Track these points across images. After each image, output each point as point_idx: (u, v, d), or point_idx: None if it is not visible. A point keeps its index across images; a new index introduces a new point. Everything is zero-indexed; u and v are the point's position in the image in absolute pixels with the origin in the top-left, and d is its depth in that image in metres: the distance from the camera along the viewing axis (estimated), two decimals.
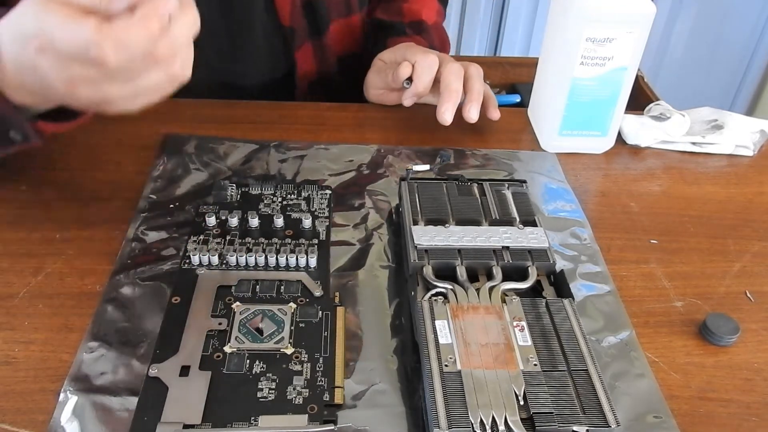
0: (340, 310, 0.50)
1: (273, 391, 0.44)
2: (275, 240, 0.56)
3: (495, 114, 0.73)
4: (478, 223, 0.54)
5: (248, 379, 0.44)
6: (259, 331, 0.47)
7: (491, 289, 0.49)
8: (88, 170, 0.64)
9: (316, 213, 0.59)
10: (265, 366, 0.45)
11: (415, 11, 0.85)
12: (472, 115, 0.70)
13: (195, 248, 0.54)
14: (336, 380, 0.45)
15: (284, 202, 0.60)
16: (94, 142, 0.68)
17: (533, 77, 0.76)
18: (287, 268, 0.54)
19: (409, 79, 0.71)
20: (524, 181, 0.60)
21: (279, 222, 0.57)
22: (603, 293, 0.55)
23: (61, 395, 0.43)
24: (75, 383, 0.44)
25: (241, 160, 0.67)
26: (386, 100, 0.77)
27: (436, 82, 0.71)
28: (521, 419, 0.40)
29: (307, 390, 0.44)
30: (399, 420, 0.44)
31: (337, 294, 0.52)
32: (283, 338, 0.47)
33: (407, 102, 0.72)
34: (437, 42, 0.85)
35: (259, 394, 0.44)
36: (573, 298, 0.48)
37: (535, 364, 0.43)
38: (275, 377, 0.45)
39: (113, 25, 0.40)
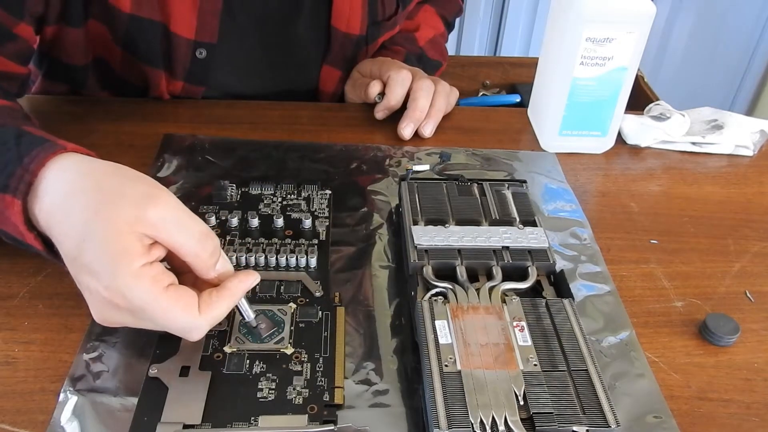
0: (340, 310, 0.50)
1: (273, 392, 0.44)
2: (275, 240, 0.56)
3: (426, 131, 0.72)
4: (478, 223, 0.54)
5: (248, 379, 0.44)
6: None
7: (491, 289, 0.49)
8: None
9: (316, 213, 0.59)
10: (265, 366, 0.45)
11: (412, 28, 0.87)
12: (426, 131, 0.72)
13: None
14: (336, 380, 0.45)
15: (284, 202, 0.60)
16: (94, 142, 0.68)
17: (533, 77, 0.76)
18: (287, 268, 0.54)
19: (382, 94, 0.73)
20: (524, 181, 0.60)
21: (279, 222, 0.57)
22: (603, 293, 0.55)
23: (61, 395, 0.43)
24: (75, 383, 0.44)
25: (241, 160, 0.67)
26: None
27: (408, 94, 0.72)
28: (521, 419, 0.40)
29: (307, 390, 0.44)
30: (399, 420, 0.44)
31: (337, 294, 0.52)
32: (283, 338, 0.47)
33: (379, 115, 0.74)
34: (435, 54, 0.87)
35: (259, 395, 0.44)
36: (573, 298, 0.48)
37: (535, 365, 0.43)
38: (275, 377, 0.45)
39: (211, 305, 0.42)
